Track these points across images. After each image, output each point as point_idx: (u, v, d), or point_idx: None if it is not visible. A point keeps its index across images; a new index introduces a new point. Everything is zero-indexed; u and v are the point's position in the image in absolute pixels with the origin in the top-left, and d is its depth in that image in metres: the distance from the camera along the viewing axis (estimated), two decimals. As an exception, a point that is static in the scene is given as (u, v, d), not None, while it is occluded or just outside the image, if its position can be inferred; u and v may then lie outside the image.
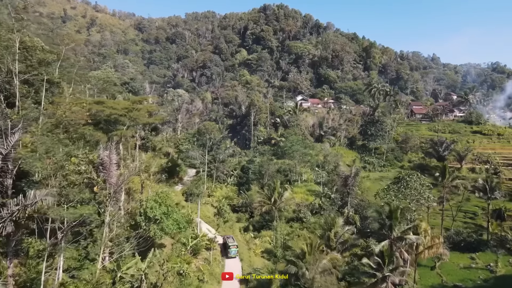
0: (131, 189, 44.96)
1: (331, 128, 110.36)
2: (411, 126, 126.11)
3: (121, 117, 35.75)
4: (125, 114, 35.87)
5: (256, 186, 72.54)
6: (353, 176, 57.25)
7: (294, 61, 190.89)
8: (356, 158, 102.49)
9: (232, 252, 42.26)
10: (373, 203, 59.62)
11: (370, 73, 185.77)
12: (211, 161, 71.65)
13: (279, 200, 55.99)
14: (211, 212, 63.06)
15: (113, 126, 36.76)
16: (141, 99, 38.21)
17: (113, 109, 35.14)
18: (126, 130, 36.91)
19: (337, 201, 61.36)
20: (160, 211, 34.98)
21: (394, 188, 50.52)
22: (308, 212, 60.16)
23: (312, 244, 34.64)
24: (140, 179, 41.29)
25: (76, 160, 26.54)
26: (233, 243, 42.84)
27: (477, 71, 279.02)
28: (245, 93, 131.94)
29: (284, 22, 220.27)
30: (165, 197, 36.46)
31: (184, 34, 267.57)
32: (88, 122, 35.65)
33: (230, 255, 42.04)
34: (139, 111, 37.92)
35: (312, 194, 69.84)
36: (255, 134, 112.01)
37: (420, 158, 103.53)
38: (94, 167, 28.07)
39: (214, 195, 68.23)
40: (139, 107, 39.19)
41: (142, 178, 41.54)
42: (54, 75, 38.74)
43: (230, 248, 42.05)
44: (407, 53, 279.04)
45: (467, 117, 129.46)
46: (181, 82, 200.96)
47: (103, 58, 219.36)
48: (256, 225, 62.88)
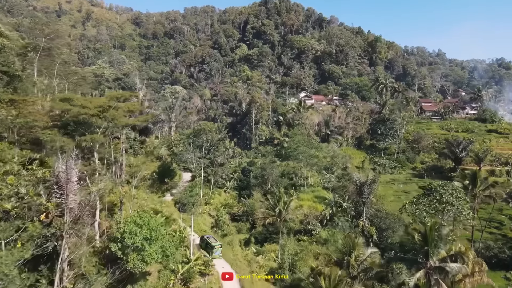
0: (113, 202, 37.92)
1: (337, 126, 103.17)
2: (421, 125, 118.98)
3: (93, 117, 28.65)
4: (98, 114, 28.78)
5: (258, 193, 65.61)
6: (370, 183, 50.20)
7: (296, 56, 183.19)
8: (365, 160, 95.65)
9: (217, 253, 39.43)
10: (393, 214, 52.65)
11: (376, 69, 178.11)
12: (209, 165, 64.58)
13: (285, 211, 49.04)
14: (208, 223, 56.08)
15: (86, 130, 29.79)
16: (119, 96, 31.12)
17: (82, 107, 27.98)
18: (101, 134, 29.88)
19: (350, 211, 54.31)
20: (141, 236, 27.94)
21: (424, 201, 43.29)
22: (317, 223, 53.16)
23: (331, 277, 27.71)
24: (121, 192, 34.20)
25: (13, 180, 19.53)
26: (217, 243, 40.27)
27: (484, 67, 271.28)
28: (245, 89, 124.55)
29: (286, 16, 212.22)
30: (148, 218, 29.36)
31: (183, 29, 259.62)
32: (53, 124, 28.65)
33: (215, 255, 39.25)
34: (118, 110, 30.83)
35: (320, 202, 62.81)
36: (257, 133, 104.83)
37: (434, 159, 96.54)
38: (47, 187, 21.17)
39: (212, 202, 61.23)
40: (119, 105, 32.14)
41: (123, 190, 34.43)
42: (14, 67, 31.52)
43: (214, 248, 39.18)
44: (411, 49, 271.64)
45: (481, 115, 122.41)
46: (179, 78, 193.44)
47: (98, 53, 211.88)
48: (259, 237, 55.98)
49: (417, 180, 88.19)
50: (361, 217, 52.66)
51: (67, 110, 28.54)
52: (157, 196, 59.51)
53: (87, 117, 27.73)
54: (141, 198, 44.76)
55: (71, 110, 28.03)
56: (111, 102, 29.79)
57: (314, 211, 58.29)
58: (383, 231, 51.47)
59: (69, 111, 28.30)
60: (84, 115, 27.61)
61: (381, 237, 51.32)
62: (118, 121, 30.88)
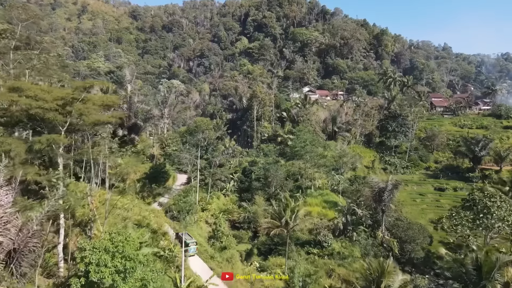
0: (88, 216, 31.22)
1: (345, 123, 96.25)
2: (432, 121, 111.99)
3: (52, 113, 21.83)
4: (58, 108, 21.95)
5: (261, 197, 59.05)
6: (391, 189, 43.52)
7: (299, 50, 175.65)
8: (375, 159, 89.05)
9: (191, 251, 36.58)
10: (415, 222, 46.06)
11: (383, 63, 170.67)
12: (206, 167, 57.84)
13: (293, 221, 42.43)
14: (205, 232, 49.43)
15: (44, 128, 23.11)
16: (86, 85, 24.16)
17: (36, 100, 21.21)
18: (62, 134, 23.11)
19: (365, 219, 47.67)
20: (113, 269, 21.29)
21: (467, 216, 36.46)
22: (329, 234, 46.58)
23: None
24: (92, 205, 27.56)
25: None
26: (192, 240, 37.28)
27: (492, 61, 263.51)
28: (246, 83, 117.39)
29: (288, 8, 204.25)
30: (123, 241, 22.67)
31: (181, 23, 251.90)
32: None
33: (190, 253, 36.50)
34: (86, 104, 24.11)
35: (331, 207, 56.24)
36: (258, 130, 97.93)
37: (449, 158, 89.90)
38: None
39: (209, 208, 54.56)
40: (89, 98, 25.38)
41: (93, 205, 27.73)
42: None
43: (188, 245, 36.28)
44: (416, 43, 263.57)
45: (495, 111, 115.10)
46: (177, 72, 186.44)
47: (93, 47, 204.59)
48: (262, 248, 49.58)
49: (432, 181, 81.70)
50: (379, 227, 46.06)
51: (14, 103, 21.86)
52: (147, 201, 53.02)
53: (42, 112, 20.98)
54: (125, 207, 38.09)
55: (18, 102, 21.36)
56: (76, 94, 23.09)
57: (324, 219, 51.75)
58: (404, 243, 44.95)
59: (16, 103, 21.66)
60: (38, 109, 20.86)
61: (402, 250, 44.84)
62: (87, 117, 24.19)
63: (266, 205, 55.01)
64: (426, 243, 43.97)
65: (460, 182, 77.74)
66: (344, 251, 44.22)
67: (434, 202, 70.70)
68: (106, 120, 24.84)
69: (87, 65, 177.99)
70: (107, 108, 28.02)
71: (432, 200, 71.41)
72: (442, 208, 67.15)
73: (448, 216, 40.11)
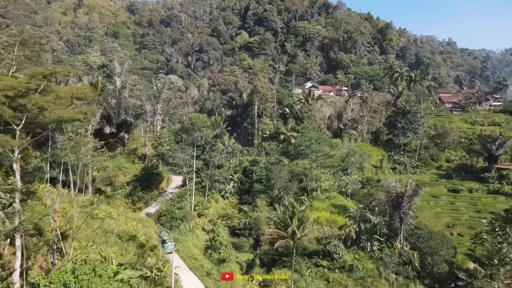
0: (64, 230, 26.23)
1: (351, 120, 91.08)
2: (441, 117, 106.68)
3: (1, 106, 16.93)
4: (5, 101, 16.98)
5: (264, 201, 54.14)
6: (411, 195, 38.47)
7: (301, 44, 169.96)
8: (384, 158, 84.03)
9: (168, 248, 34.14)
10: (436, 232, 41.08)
11: (388, 57, 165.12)
12: (203, 168, 52.73)
13: (300, 231, 37.41)
14: (202, 241, 44.52)
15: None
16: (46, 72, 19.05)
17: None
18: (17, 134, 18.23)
19: (381, 227, 42.64)
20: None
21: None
22: (340, 244, 41.61)
23: None
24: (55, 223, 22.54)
25: None
26: (169, 237, 35.36)
27: (497, 56, 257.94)
28: (246, 78, 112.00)
29: (290, 1, 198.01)
30: (90, 273, 17.68)
31: (180, 17, 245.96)
32: None
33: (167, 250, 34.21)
34: (48, 96, 19.08)
35: (340, 213, 51.30)
36: (260, 127, 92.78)
37: (462, 157, 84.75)
38: None
39: (206, 213, 49.59)
40: (55, 89, 20.43)
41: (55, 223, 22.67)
42: None
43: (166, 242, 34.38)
44: (420, 37, 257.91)
45: (507, 107, 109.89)
46: (175, 67, 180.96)
47: (89, 41, 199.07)
48: (265, 259, 44.70)
49: (444, 181, 76.50)
50: (396, 237, 41.08)
51: None
52: (138, 206, 48.05)
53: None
54: (109, 216, 33.05)
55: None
56: (32, 83, 18.07)
57: (334, 226, 46.77)
58: (425, 254, 40.02)
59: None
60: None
61: (423, 263, 39.91)
62: (49, 113, 19.20)
63: (269, 210, 50.11)
64: (451, 255, 39.08)
65: (475, 182, 72.78)
66: (357, 264, 39.29)
67: (449, 204, 65.67)
68: (72, 116, 19.76)
69: (82, 60, 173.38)
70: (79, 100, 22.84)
71: (447, 202, 66.37)
72: (459, 212, 62.33)
73: (488, 232, 34.60)
